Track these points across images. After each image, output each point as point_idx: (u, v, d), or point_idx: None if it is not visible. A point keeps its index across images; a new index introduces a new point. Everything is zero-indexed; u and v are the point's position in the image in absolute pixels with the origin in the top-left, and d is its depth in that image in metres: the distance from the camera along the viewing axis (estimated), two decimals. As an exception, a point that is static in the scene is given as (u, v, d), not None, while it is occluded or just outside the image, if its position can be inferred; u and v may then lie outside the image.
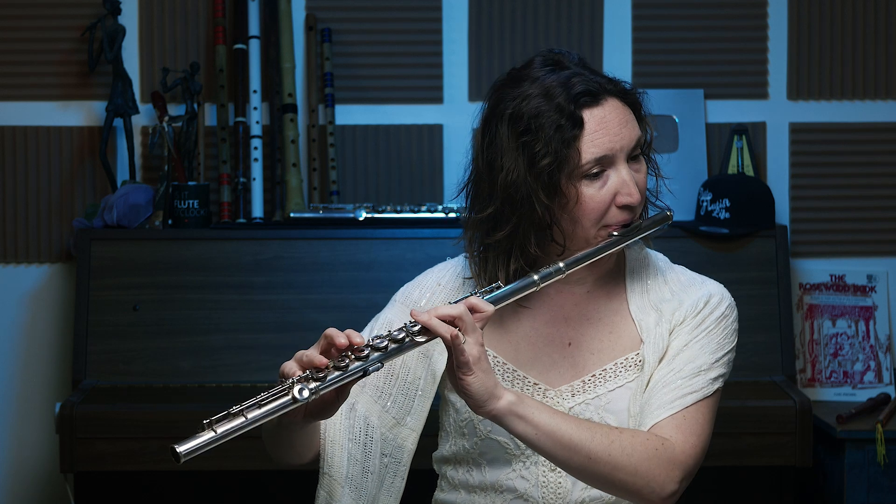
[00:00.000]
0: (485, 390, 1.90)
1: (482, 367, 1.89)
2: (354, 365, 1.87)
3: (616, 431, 1.98)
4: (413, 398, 2.12)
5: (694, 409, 2.02)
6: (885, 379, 3.62)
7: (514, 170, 1.99)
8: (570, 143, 1.97)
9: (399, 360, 2.09)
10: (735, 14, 3.70)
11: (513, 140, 1.99)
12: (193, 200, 3.47)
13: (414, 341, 1.90)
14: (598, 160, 1.99)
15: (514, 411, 1.92)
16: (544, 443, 1.93)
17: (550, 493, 2.07)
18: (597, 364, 2.09)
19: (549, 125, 1.97)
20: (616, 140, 2.00)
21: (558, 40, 3.66)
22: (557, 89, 1.99)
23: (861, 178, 3.71)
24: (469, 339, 1.89)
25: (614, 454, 1.95)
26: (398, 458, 2.12)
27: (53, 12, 3.64)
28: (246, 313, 3.36)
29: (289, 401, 1.82)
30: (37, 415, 3.66)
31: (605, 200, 2.01)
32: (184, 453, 1.75)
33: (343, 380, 1.86)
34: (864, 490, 3.24)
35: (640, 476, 1.95)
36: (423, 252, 3.38)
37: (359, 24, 3.68)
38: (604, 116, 2.00)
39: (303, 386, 1.82)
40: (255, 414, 1.80)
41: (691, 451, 2.00)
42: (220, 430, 1.78)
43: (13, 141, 3.65)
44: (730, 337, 2.10)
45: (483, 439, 2.09)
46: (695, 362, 2.05)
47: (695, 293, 2.10)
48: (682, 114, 3.64)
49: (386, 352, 1.88)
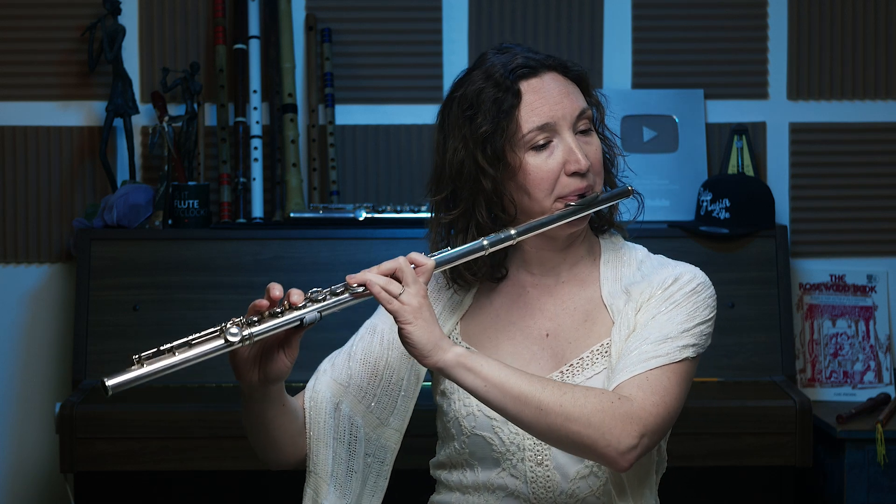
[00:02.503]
0: (428, 340, 1.92)
1: (423, 318, 1.92)
2: (291, 314, 1.90)
3: (569, 386, 1.97)
4: (396, 398, 2.14)
5: (658, 371, 1.98)
6: (885, 379, 3.62)
7: (462, 147, 2.04)
8: (509, 112, 2.02)
9: (383, 360, 2.13)
10: (735, 14, 3.70)
11: (459, 119, 2.05)
12: (193, 200, 3.47)
13: (354, 293, 1.93)
14: (540, 128, 2.02)
15: (463, 363, 1.93)
16: (494, 395, 1.93)
17: (540, 487, 2.07)
18: (574, 353, 2.10)
19: (488, 99, 2.03)
20: (557, 108, 2.03)
21: (558, 40, 3.66)
22: (498, 68, 2.05)
23: (861, 178, 3.71)
24: (409, 289, 1.93)
25: (566, 405, 1.92)
26: (381, 458, 2.14)
27: (53, 12, 3.64)
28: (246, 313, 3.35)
29: (222, 344, 1.85)
30: (37, 415, 3.66)
31: (553, 170, 2.03)
32: (112, 386, 1.79)
33: (278, 327, 1.90)
34: (864, 490, 3.24)
35: (594, 427, 1.92)
36: (422, 252, 3.37)
37: (359, 24, 3.68)
38: (542, 87, 2.04)
39: (235, 327, 1.84)
40: (185, 354, 1.83)
41: (652, 408, 1.95)
42: (149, 367, 1.81)
43: (13, 141, 3.65)
44: (701, 310, 2.06)
45: (469, 437, 2.10)
46: (662, 330, 2.02)
47: (664, 273, 2.09)
48: (682, 114, 3.64)
49: (323, 303, 1.91)
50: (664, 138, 3.61)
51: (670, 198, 3.62)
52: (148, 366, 1.81)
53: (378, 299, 1.93)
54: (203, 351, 1.85)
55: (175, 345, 1.83)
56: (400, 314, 1.92)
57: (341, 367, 2.14)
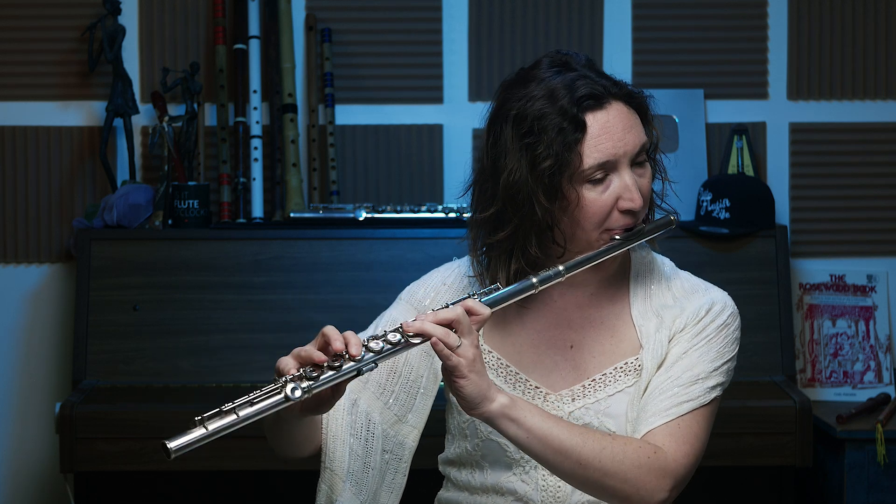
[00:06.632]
0: (478, 393, 1.90)
1: (476, 370, 1.89)
2: (348, 365, 1.87)
3: (608, 438, 1.97)
4: (415, 396, 2.13)
5: (689, 417, 2.01)
6: (885, 379, 3.62)
7: (517, 171, 1.99)
8: (572, 146, 1.97)
9: (402, 357, 2.11)
10: (735, 14, 3.70)
11: (516, 141, 2.00)
12: (193, 200, 3.47)
13: (409, 342, 1.90)
14: (601, 165, 1.99)
15: (507, 414, 1.92)
16: (535, 446, 1.93)
17: (550, 496, 2.07)
18: (597, 368, 2.09)
19: (551, 128, 1.97)
20: (619, 146, 2.00)
21: (558, 40, 3.66)
22: (562, 91, 1.99)
23: (861, 178, 3.71)
24: (465, 341, 1.89)
25: (605, 461, 1.94)
26: (399, 454, 2.13)
27: (53, 12, 3.64)
28: (246, 313, 3.36)
29: (281, 399, 1.82)
30: (37, 415, 3.66)
31: (606, 204, 2.01)
32: (174, 449, 1.76)
33: (336, 379, 1.87)
34: (864, 490, 3.24)
35: (629, 483, 1.95)
36: (423, 252, 3.38)
37: (359, 24, 3.68)
38: (607, 121, 2.00)
39: (295, 385, 1.82)
40: (246, 412, 1.80)
41: (683, 460, 1.99)
42: (211, 427, 1.77)
43: (13, 141, 3.65)
44: (730, 346, 2.09)
45: (484, 440, 2.09)
46: (693, 370, 2.04)
47: (697, 300, 2.09)
48: (682, 114, 3.64)
49: (380, 353, 1.89)
50: (664, 138, 3.57)
51: (672, 198, 3.61)
52: (209, 426, 1.78)
53: (439, 355, 1.89)
54: (264, 407, 1.81)
55: (237, 404, 1.80)
56: (458, 369, 1.89)
57: None
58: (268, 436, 2.09)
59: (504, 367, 2.10)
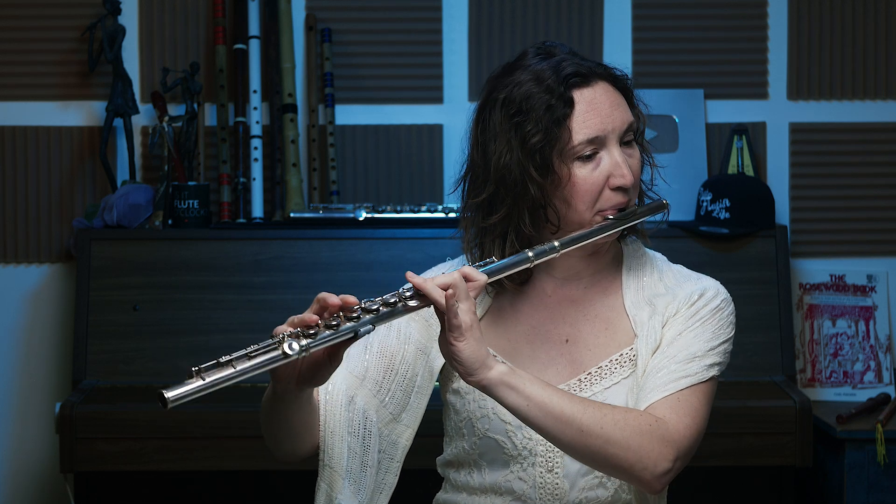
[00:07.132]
0: (476, 358, 1.90)
1: (474, 335, 1.90)
2: (346, 325, 1.87)
3: (609, 407, 1.97)
4: (410, 394, 2.13)
5: (688, 391, 2.01)
6: (885, 379, 3.62)
7: (508, 151, 2.01)
8: (561, 121, 2.00)
9: (399, 355, 2.11)
10: (735, 14, 3.70)
11: (505, 123, 2.03)
12: (193, 200, 3.47)
13: (406, 306, 1.91)
14: (590, 140, 2.01)
15: (506, 381, 1.92)
16: (535, 415, 1.93)
17: (548, 494, 2.07)
18: (593, 360, 2.09)
19: (539, 105, 2.00)
20: (608, 122, 2.02)
21: (558, 40, 3.65)
22: (548, 72, 2.02)
23: (861, 178, 3.71)
24: (462, 305, 1.89)
25: (606, 427, 1.93)
26: (391, 454, 2.13)
27: (53, 12, 3.64)
28: (246, 313, 3.36)
29: (279, 355, 1.82)
30: (37, 415, 3.66)
31: (597, 182, 2.02)
32: (172, 399, 1.75)
33: (334, 339, 1.87)
34: (864, 490, 3.24)
35: (632, 451, 1.94)
36: (423, 252, 3.38)
37: (359, 24, 3.68)
38: (594, 97, 2.02)
39: (293, 341, 1.83)
40: (244, 365, 1.79)
41: (685, 430, 1.99)
42: (208, 379, 1.77)
43: (13, 141, 3.65)
44: (725, 328, 2.08)
45: (481, 438, 2.09)
46: (689, 349, 2.04)
47: (689, 287, 2.10)
48: (682, 114, 3.64)
49: (377, 314, 1.89)
50: (664, 138, 3.61)
51: (670, 198, 3.60)
52: (206, 377, 1.77)
53: (447, 311, 1.89)
54: (261, 362, 1.81)
55: (233, 357, 1.80)
56: (458, 329, 1.90)
57: (357, 359, 2.12)
58: (265, 431, 2.08)
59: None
